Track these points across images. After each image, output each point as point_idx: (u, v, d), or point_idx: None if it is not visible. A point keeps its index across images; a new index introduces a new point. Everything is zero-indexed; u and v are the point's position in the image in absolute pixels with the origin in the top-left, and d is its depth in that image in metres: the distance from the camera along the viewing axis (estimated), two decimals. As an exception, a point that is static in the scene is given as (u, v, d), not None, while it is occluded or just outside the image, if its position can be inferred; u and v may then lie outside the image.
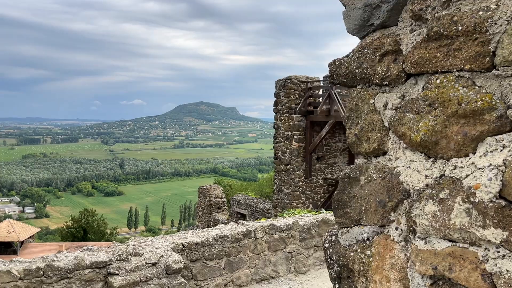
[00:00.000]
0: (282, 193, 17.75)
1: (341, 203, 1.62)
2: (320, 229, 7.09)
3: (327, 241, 1.72)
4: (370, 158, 1.52)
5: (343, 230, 1.62)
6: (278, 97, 17.83)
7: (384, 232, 1.45)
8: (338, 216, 1.64)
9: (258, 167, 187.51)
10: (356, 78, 1.52)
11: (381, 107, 1.43)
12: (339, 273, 1.63)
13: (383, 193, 1.43)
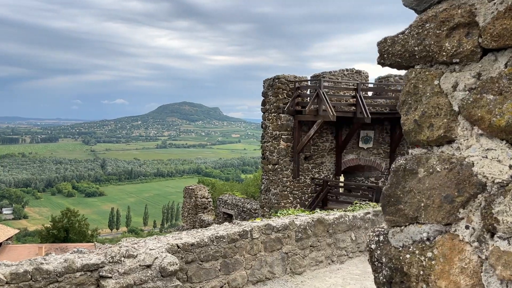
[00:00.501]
0: (269, 193, 17.58)
1: (393, 199, 1.44)
2: (316, 228, 6.93)
3: (374, 241, 1.54)
4: (432, 148, 1.34)
5: (395, 229, 1.44)
6: (266, 96, 17.66)
7: (450, 231, 1.28)
8: (388, 214, 1.45)
9: (242, 167, 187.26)
10: (415, 56, 1.34)
11: (449, 88, 1.26)
12: (389, 278, 1.45)
13: (450, 187, 1.25)
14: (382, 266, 1.47)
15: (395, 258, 1.41)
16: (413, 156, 1.39)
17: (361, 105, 16.48)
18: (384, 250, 1.46)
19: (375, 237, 1.52)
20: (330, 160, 18.14)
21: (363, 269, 7.06)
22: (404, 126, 1.40)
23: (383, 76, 19.73)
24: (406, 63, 1.37)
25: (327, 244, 7.06)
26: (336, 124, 17.88)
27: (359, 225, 7.56)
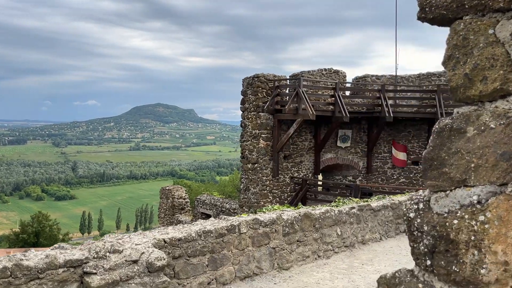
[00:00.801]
0: (249, 192, 17.45)
1: (436, 162, 1.34)
2: (303, 223, 6.85)
3: (412, 210, 1.43)
4: (483, 104, 1.25)
5: (439, 194, 1.34)
6: (245, 95, 17.55)
7: (506, 191, 1.19)
8: (431, 179, 1.36)
9: (217, 169, 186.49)
10: (464, 6, 1.25)
11: (506, 37, 1.17)
12: (432, 247, 1.35)
13: (508, 143, 1.17)
14: (422, 236, 1.37)
15: (440, 225, 1.31)
16: (461, 114, 1.30)
17: (340, 104, 16.59)
18: (425, 218, 1.36)
19: (413, 205, 1.42)
20: (309, 159, 18.18)
21: (349, 263, 7.02)
22: (451, 82, 1.31)
23: (360, 76, 19.95)
24: (453, 15, 1.28)
25: (314, 239, 6.99)
26: (315, 123, 17.94)
27: (345, 220, 7.53)
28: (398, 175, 19.21)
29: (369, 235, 8.03)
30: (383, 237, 8.34)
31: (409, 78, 19.86)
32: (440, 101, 17.37)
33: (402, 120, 18.82)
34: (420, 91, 18.76)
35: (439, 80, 19.07)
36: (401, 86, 19.43)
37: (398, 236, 8.61)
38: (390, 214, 8.49)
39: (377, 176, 19.20)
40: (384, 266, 6.88)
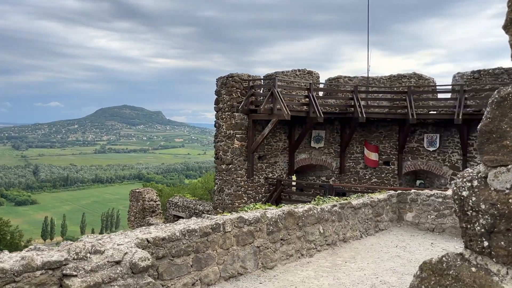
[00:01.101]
0: (223, 193, 17.23)
1: (496, 135, 1.24)
2: (287, 221, 6.75)
3: (465, 188, 1.33)
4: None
5: (499, 169, 1.25)
6: (220, 95, 17.35)
7: None
8: (488, 153, 1.26)
9: (185, 172, 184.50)
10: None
11: None
12: (490, 226, 1.25)
13: None
14: (478, 215, 1.27)
15: (501, 203, 1.22)
16: (525, 82, 1.21)
17: (314, 104, 16.66)
18: (482, 195, 1.26)
19: (466, 183, 1.32)
20: (283, 159, 18.16)
21: (333, 261, 6.97)
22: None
23: (333, 77, 20.14)
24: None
25: (297, 237, 6.89)
26: (289, 123, 17.96)
27: (327, 218, 7.48)
28: (370, 175, 19.48)
29: (350, 233, 8.02)
30: (363, 234, 8.35)
31: (381, 80, 20.20)
32: (411, 102, 17.75)
33: (374, 121, 19.12)
34: (392, 92, 19.11)
35: (409, 81, 19.50)
36: (373, 87, 19.74)
37: (378, 234, 8.65)
38: (370, 211, 8.52)
39: (350, 176, 19.41)
40: (367, 264, 6.87)
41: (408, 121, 17.65)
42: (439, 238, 8.38)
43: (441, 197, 8.62)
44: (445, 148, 18.67)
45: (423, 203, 8.86)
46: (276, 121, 16.02)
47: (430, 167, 18.89)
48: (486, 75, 18.16)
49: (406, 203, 9.15)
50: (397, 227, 9.16)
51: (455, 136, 18.40)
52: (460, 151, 18.23)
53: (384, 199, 8.91)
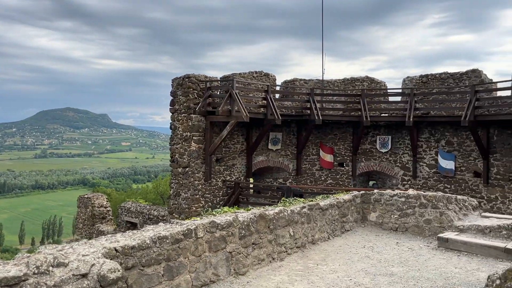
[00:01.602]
0: (180, 197, 16.72)
1: None
2: (258, 225, 6.53)
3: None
4: None
5: None
6: (175, 96, 16.85)
7: None
8: None
9: (133, 177, 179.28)
10: None
11: None
12: None
13: None
14: None
15: None
16: None
17: (272, 106, 16.61)
18: None
19: None
20: (241, 162, 17.95)
21: (304, 264, 6.83)
22: None
23: (289, 80, 20.22)
24: None
25: (268, 241, 6.69)
26: (247, 125, 17.79)
27: (296, 220, 7.34)
28: (325, 177, 19.72)
29: (318, 235, 7.93)
30: (331, 236, 8.30)
31: (335, 83, 20.56)
32: (365, 105, 18.17)
33: (329, 123, 19.39)
34: (347, 95, 19.49)
35: (362, 85, 19.99)
36: (328, 90, 20.04)
37: (344, 235, 8.65)
38: (336, 212, 8.50)
39: (306, 178, 19.54)
40: (339, 265, 6.79)
41: (362, 123, 18.05)
42: (403, 237, 8.51)
43: (404, 196, 8.77)
44: (396, 149, 19.29)
45: (387, 203, 8.97)
46: (234, 123, 15.78)
47: (382, 168, 19.44)
48: (433, 80, 18.97)
49: (369, 203, 9.23)
50: (362, 227, 9.22)
51: (405, 138, 19.05)
52: (410, 152, 18.90)
53: (349, 199, 8.93)
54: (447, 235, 7.72)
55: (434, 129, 18.49)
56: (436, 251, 7.54)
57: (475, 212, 8.97)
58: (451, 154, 18.00)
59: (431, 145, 18.56)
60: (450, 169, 17.97)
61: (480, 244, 7.17)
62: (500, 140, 16.77)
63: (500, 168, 16.74)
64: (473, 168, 17.58)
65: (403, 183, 19.04)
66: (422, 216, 8.48)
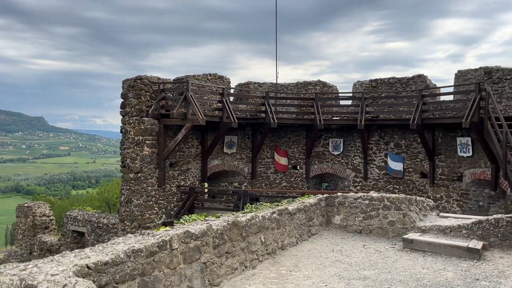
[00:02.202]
0: (131, 204, 16.01)
1: None
2: (231, 233, 6.29)
3: None
4: None
5: None
6: (126, 98, 16.14)
7: None
8: None
9: (72, 183, 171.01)
10: None
11: None
12: None
13: None
14: None
15: None
16: None
17: (228, 109, 16.40)
18: None
19: None
20: (196, 166, 17.55)
21: (277, 272, 6.68)
22: None
23: (243, 83, 20.11)
24: None
25: (241, 249, 6.47)
26: (202, 129, 17.44)
27: (267, 226, 7.18)
28: (280, 180, 19.78)
29: (287, 240, 7.83)
30: (298, 240, 8.23)
31: (288, 87, 20.72)
32: (318, 108, 18.45)
33: (283, 127, 19.48)
34: (300, 98, 19.69)
35: (315, 89, 20.30)
36: (281, 94, 20.16)
37: (311, 239, 8.61)
38: (303, 216, 8.45)
39: (261, 181, 19.49)
40: (312, 271, 6.72)
41: (316, 126, 18.30)
42: (367, 239, 8.62)
43: (368, 199, 8.90)
44: (348, 152, 19.76)
45: (351, 206, 9.07)
46: (190, 126, 15.38)
47: (335, 170, 19.82)
48: (382, 84, 19.67)
49: (334, 207, 9.29)
50: (327, 230, 9.24)
51: (356, 141, 19.57)
52: (361, 155, 19.43)
53: (315, 203, 8.92)
54: (411, 236, 7.91)
55: (384, 132, 19.15)
56: (402, 252, 7.69)
57: (433, 213, 9.31)
58: (399, 156, 18.72)
59: (380, 147, 19.20)
60: (398, 170, 18.68)
61: (443, 244, 7.40)
62: (444, 142, 17.68)
63: (445, 169, 17.63)
64: (420, 169, 18.39)
65: (355, 184, 19.53)
66: (386, 218, 8.64)
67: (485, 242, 7.42)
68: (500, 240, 7.39)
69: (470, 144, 16.75)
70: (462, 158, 17.07)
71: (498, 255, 7.25)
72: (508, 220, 7.33)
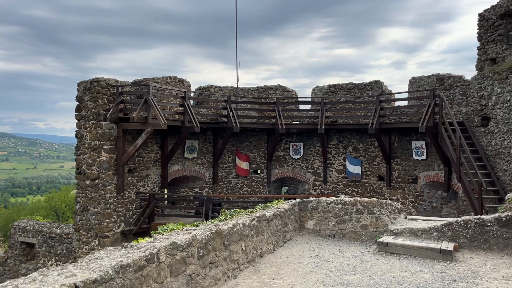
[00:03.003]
0: (88, 212, 15.21)
1: None
2: (215, 242, 6.07)
3: None
4: None
5: None
6: (82, 101, 15.36)
7: None
8: None
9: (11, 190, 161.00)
10: None
11: None
12: None
13: None
14: None
15: None
16: None
17: (190, 113, 16.06)
18: None
19: None
20: (155, 172, 17.01)
21: (259, 280, 6.53)
22: None
23: (204, 86, 19.80)
24: None
25: (224, 258, 6.26)
26: (162, 133, 16.96)
27: (247, 234, 7.02)
28: (241, 184, 19.64)
29: (265, 247, 7.70)
30: (275, 247, 8.13)
31: (249, 91, 20.66)
32: (280, 113, 18.53)
33: (244, 131, 19.37)
34: (262, 103, 19.69)
35: (275, 93, 20.38)
36: (242, 98, 20.05)
37: (286, 245, 8.53)
38: (279, 222, 8.36)
39: (223, 186, 19.24)
40: (295, 278, 6.63)
41: (278, 130, 18.36)
42: (342, 243, 8.68)
43: (341, 203, 8.98)
44: (308, 156, 19.99)
45: (324, 210, 9.10)
46: (151, 130, 14.87)
47: (295, 174, 19.98)
48: (340, 89, 20.11)
49: (307, 211, 9.28)
50: (300, 235, 9.21)
51: (316, 145, 19.85)
52: (321, 159, 19.72)
53: (289, 208, 8.87)
54: (385, 239, 8.05)
55: (342, 136, 19.56)
56: (378, 256, 7.80)
57: (401, 215, 9.56)
58: (357, 159, 19.19)
59: (339, 151, 19.59)
60: (357, 173, 19.14)
61: (417, 246, 7.58)
62: (400, 146, 18.34)
63: (401, 172, 18.28)
64: (377, 172, 18.94)
65: (315, 188, 19.78)
66: (359, 221, 8.75)
67: (455, 243, 7.69)
68: (469, 241, 7.69)
69: (424, 148, 17.49)
70: (417, 161, 17.79)
71: (468, 255, 7.53)
72: (476, 222, 7.65)
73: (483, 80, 15.33)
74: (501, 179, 14.30)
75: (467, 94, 16.64)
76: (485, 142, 15.28)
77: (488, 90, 15.07)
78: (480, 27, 16.22)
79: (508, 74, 13.93)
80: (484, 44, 16.07)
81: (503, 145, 14.19)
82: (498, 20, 15.27)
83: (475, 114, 15.80)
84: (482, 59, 16.16)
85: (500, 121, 14.38)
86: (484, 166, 14.72)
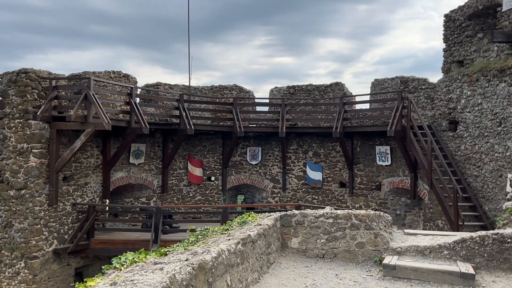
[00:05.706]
0: (12, 229, 12.64)
1: None
2: (197, 280, 4.36)
3: None
4: None
5: None
6: (6, 96, 12.82)
7: None
8: None
9: None
10: None
11: None
12: None
13: None
14: None
15: None
16: None
17: (138, 113, 14.04)
18: None
19: None
20: (96, 179, 14.71)
21: (252, 326, 4.90)
22: None
23: (152, 83, 17.74)
24: None
25: (207, 301, 4.56)
26: (103, 135, 14.74)
27: (233, 263, 5.36)
28: (194, 193, 17.76)
29: (250, 277, 6.07)
30: (260, 275, 6.52)
31: (202, 90, 18.90)
32: (237, 114, 16.96)
33: (198, 134, 17.55)
34: (218, 103, 18.00)
35: (231, 93, 18.80)
36: (195, 97, 18.24)
37: (271, 270, 6.95)
38: (263, 243, 6.77)
39: (173, 195, 17.25)
40: (298, 320, 5.07)
41: (235, 133, 16.78)
42: (335, 266, 7.24)
43: (332, 217, 7.56)
44: (266, 161, 18.60)
45: (311, 225, 7.64)
46: (92, 131, 12.64)
47: (253, 181, 18.49)
48: (300, 91, 18.98)
49: (290, 227, 7.77)
50: (283, 256, 7.66)
51: (275, 149, 18.51)
52: (280, 164, 18.41)
53: (273, 224, 7.30)
54: (391, 260, 6.74)
55: (302, 140, 18.39)
56: (385, 282, 6.45)
57: (394, 228, 8.34)
58: (318, 165, 18.09)
59: (299, 156, 18.40)
60: (318, 180, 18.02)
61: (432, 269, 6.34)
62: (363, 151, 17.48)
63: (364, 178, 17.41)
64: (339, 179, 17.95)
65: (273, 196, 18.41)
66: (354, 239, 7.38)
67: (472, 263, 6.55)
68: (487, 260, 6.58)
69: (389, 153, 16.73)
70: (381, 167, 17.00)
71: (489, 278, 6.40)
72: (494, 238, 6.56)
73: (451, 82, 14.80)
74: (471, 185, 13.74)
75: (432, 97, 16.12)
76: (454, 147, 14.73)
77: (456, 93, 14.54)
78: (446, 28, 15.77)
79: (478, 76, 13.42)
80: (450, 46, 15.62)
81: (474, 150, 13.65)
82: (466, 21, 14.84)
83: (443, 117, 15.25)
84: (448, 61, 15.69)
85: (470, 125, 13.84)
86: (454, 172, 14.11)
